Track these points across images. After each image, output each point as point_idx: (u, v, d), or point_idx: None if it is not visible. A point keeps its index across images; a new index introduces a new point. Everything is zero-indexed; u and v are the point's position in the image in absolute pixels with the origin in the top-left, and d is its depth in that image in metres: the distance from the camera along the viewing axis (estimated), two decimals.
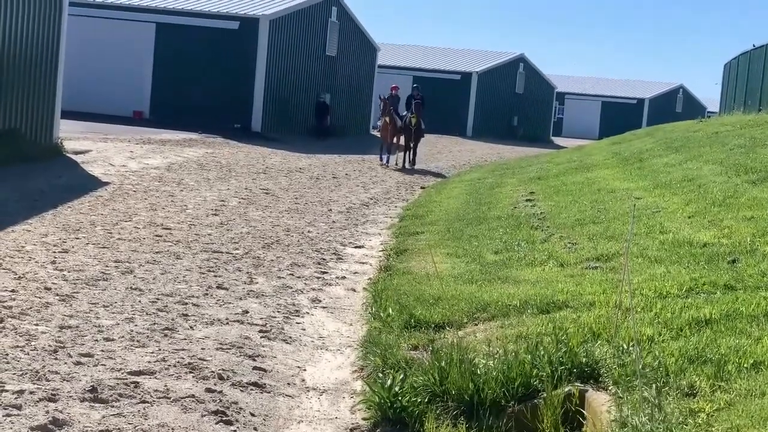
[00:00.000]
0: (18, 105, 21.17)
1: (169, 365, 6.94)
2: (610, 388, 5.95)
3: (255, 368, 7.20)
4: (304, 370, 7.47)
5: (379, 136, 30.19)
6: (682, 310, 7.25)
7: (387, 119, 29.03)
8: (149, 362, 6.97)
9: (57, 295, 8.75)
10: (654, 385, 5.57)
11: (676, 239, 10.42)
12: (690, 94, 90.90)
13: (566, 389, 6.09)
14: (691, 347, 6.27)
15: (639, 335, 6.51)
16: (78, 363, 6.77)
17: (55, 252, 10.84)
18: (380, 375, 6.79)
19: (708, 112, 74.47)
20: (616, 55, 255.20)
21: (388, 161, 29.32)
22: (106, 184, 17.94)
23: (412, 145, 29.33)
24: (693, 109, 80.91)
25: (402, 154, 29.60)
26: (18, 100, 21.15)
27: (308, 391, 7.00)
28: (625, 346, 6.41)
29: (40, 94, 22.14)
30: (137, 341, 7.49)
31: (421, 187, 23.14)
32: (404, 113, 29.52)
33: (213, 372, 6.89)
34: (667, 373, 5.86)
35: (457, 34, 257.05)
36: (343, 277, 11.24)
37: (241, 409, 6.29)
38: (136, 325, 7.96)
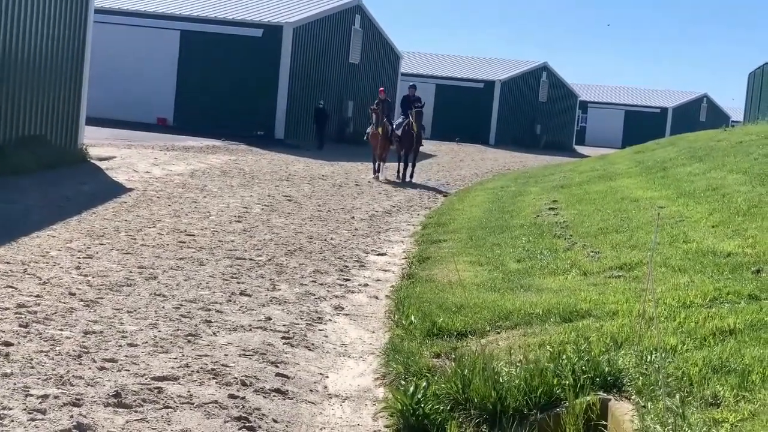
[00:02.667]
0: (44, 111, 21.33)
1: (193, 371, 6.97)
2: (633, 397, 5.92)
3: (278, 375, 7.21)
4: (327, 377, 7.48)
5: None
6: (705, 320, 7.22)
7: (380, 129, 26.12)
8: (173, 368, 6.99)
9: (81, 300, 8.80)
10: (678, 395, 5.55)
11: (700, 249, 10.38)
12: (714, 103, 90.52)
13: (589, 398, 6.07)
14: (715, 357, 6.24)
15: (662, 345, 6.49)
16: (102, 368, 6.81)
17: (79, 257, 10.91)
18: (402, 382, 6.79)
19: (732, 121, 73.98)
20: (639, 64, 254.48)
21: (378, 171, 26.26)
22: (130, 190, 18.04)
23: (411, 155, 26.32)
24: (717, 118, 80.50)
25: (396, 164, 26.70)
26: (44, 107, 21.32)
27: (331, 398, 7.01)
28: (649, 356, 6.39)
29: (66, 101, 22.31)
30: (161, 347, 7.53)
31: (444, 195, 23.14)
32: (399, 118, 26.66)
33: (236, 378, 6.91)
34: (691, 383, 5.84)
35: (481, 42, 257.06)
36: (366, 285, 11.25)
37: (263, 415, 6.30)
38: (159, 331, 7.99)
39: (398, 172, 26.33)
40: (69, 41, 22.10)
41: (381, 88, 28.92)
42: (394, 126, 26.53)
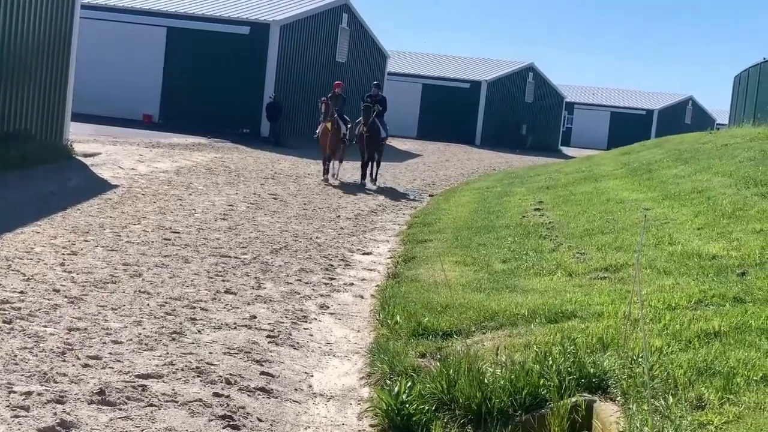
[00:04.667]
0: (29, 107, 21.23)
1: (177, 369, 6.94)
2: (618, 399, 5.93)
3: (262, 373, 7.20)
4: (312, 376, 7.47)
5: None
6: (691, 322, 7.23)
7: (328, 125, 23.50)
8: (157, 366, 6.97)
9: (65, 297, 8.76)
10: (663, 397, 5.56)
11: (685, 251, 10.40)
12: (699, 106, 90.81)
13: (574, 400, 6.08)
14: (700, 359, 6.25)
15: (648, 346, 6.49)
16: (86, 365, 6.78)
17: (64, 254, 10.86)
18: (388, 382, 6.79)
19: (717, 124, 74.34)
20: (625, 66, 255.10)
21: (327, 173, 23.76)
22: (115, 187, 17.97)
23: (367, 157, 23.99)
24: (702, 120, 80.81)
25: (339, 165, 24.53)
26: (29, 102, 21.21)
27: (315, 397, 7.00)
28: (634, 357, 6.39)
29: (51, 97, 22.20)
30: (145, 344, 7.50)
31: (430, 195, 23.14)
32: (359, 119, 24.25)
33: (220, 376, 6.89)
34: (676, 385, 5.85)
35: (467, 43, 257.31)
36: (351, 284, 11.24)
37: (248, 414, 6.29)
38: (144, 329, 7.96)
39: (362, 175, 24.16)
40: (55, 36, 21.99)
41: (337, 82, 25.65)
42: (351, 125, 24.38)
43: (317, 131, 24.45)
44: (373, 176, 24.26)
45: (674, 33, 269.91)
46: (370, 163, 24.22)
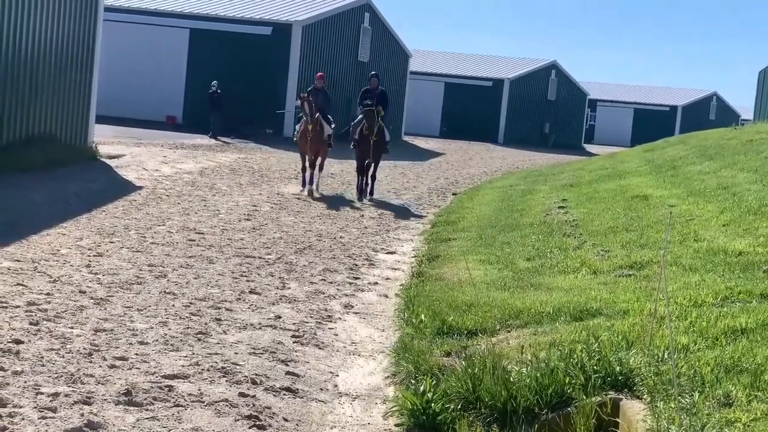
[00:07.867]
0: (53, 109, 21.35)
1: (203, 369, 6.96)
2: (644, 397, 5.90)
3: (288, 373, 7.21)
4: (337, 375, 7.48)
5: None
6: (717, 319, 7.18)
7: (309, 126, 19.84)
8: (183, 366, 6.99)
9: (92, 298, 8.80)
10: (690, 395, 5.53)
11: (711, 247, 10.34)
12: (724, 102, 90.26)
13: (600, 398, 6.05)
14: (727, 356, 6.21)
15: (674, 344, 6.46)
16: (112, 366, 6.81)
17: (89, 256, 10.92)
18: (413, 381, 6.77)
19: (742, 119, 73.75)
20: (649, 62, 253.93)
21: (308, 183, 19.95)
22: (140, 188, 18.05)
23: (371, 164, 20.39)
24: (727, 116, 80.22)
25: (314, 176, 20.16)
26: (53, 105, 21.33)
27: (341, 396, 7.00)
28: (660, 355, 6.36)
29: (75, 99, 22.32)
30: (171, 345, 7.53)
31: (453, 194, 23.11)
32: (358, 117, 20.65)
33: (246, 376, 6.91)
34: (703, 383, 5.81)
35: (490, 40, 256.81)
36: (375, 283, 11.24)
37: (274, 414, 6.30)
38: (169, 329, 7.99)
39: (359, 188, 20.46)
40: (79, 39, 22.12)
41: (319, 73, 21.77)
42: (350, 126, 21.22)
43: (296, 132, 21.14)
44: (371, 189, 20.53)
45: (698, 29, 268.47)
46: (367, 173, 20.45)
